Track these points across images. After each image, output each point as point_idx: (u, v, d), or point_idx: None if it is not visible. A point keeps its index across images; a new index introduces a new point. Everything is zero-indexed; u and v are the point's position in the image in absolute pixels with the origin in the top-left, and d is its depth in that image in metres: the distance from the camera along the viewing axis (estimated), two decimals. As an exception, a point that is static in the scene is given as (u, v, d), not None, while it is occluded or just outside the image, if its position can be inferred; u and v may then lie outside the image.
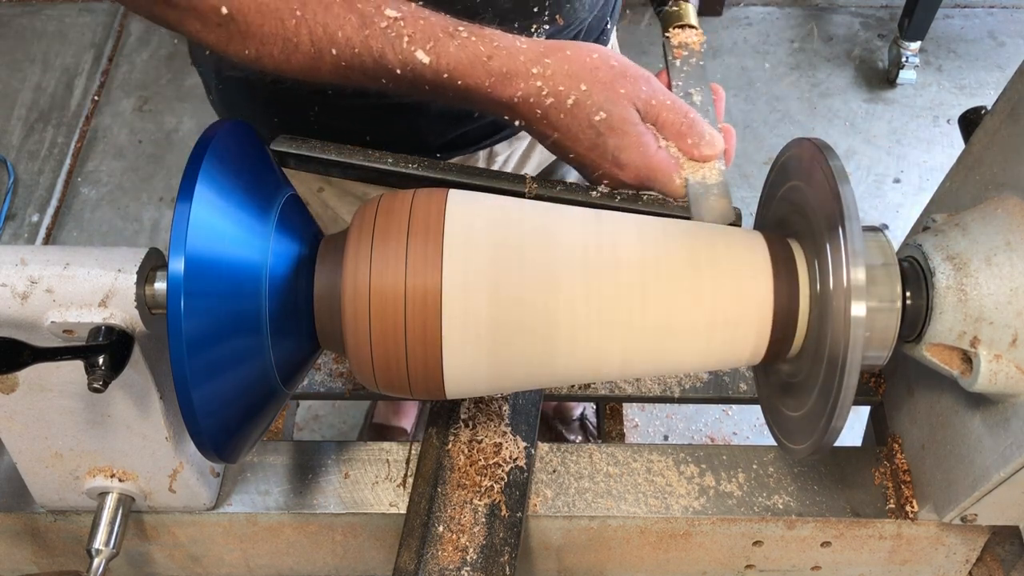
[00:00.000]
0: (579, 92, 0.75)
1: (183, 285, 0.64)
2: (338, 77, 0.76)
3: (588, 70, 0.75)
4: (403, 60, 0.73)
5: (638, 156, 0.78)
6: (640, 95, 0.77)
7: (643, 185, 0.80)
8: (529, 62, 0.74)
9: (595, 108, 0.75)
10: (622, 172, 0.79)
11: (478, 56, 0.73)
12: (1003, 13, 2.93)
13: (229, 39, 0.76)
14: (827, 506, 0.96)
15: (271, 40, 0.74)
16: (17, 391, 0.81)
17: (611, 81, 0.76)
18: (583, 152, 0.79)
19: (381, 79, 0.76)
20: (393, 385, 0.76)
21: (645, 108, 0.78)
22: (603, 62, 0.76)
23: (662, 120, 0.78)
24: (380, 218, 0.74)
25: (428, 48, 0.73)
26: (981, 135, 0.86)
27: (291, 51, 0.75)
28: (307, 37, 0.74)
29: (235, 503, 0.97)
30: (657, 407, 2.09)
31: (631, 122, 0.77)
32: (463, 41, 0.74)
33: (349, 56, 0.74)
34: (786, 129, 2.63)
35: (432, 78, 0.74)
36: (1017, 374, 0.75)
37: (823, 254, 0.71)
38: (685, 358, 0.77)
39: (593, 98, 0.75)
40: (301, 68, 0.76)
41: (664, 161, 0.79)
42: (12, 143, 2.66)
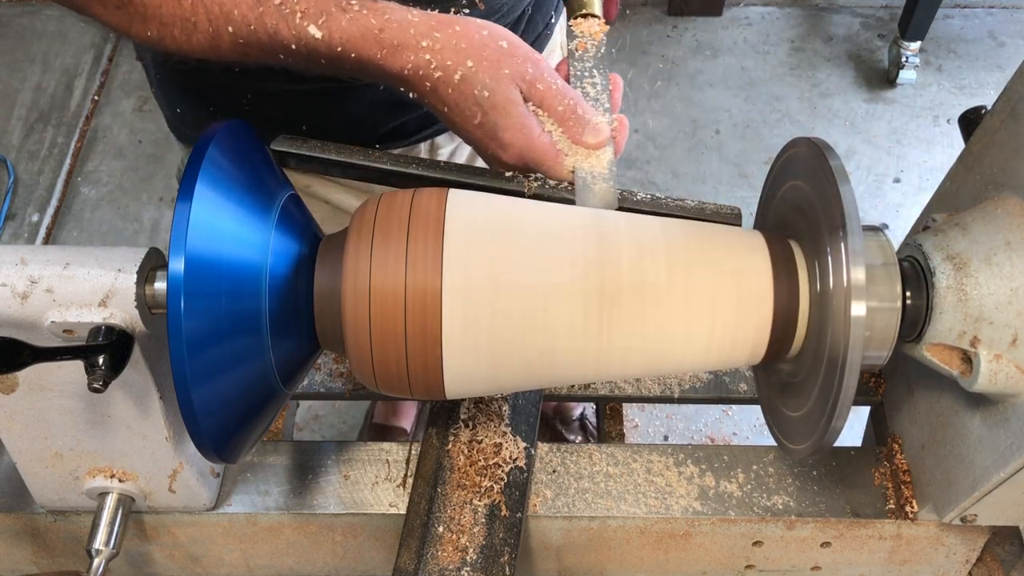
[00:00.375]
0: (466, 68, 0.76)
1: (183, 285, 0.64)
2: (238, 55, 0.78)
3: (476, 47, 0.76)
4: (297, 35, 0.75)
5: (520, 137, 0.78)
6: (525, 76, 0.78)
7: (527, 167, 0.81)
8: (419, 35, 0.75)
9: (480, 86, 0.76)
10: (505, 153, 0.80)
11: (369, 29, 0.75)
12: (1003, 13, 2.93)
13: (130, 21, 0.78)
14: (827, 506, 0.96)
15: (170, 21, 0.76)
16: (17, 391, 0.81)
17: (497, 60, 0.77)
18: (471, 129, 0.79)
19: (279, 55, 0.77)
20: (393, 385, 0.76)
21: (529, 90, 0.78)
22: (492, 40, 0.77)
23: (546, 104, 0.79)
24: (380, 218, 0.74)
25: (320, 23, 0.74)
26: (981, 135, 0.86)
27: (191, 31, 0.77)
28: (204, 16, 0.75)
29: (235, 503, 0.97)
30: (657, 407, 2.09)
31: (514, 103, 0.77)
32: (355, 15, 0.75)
33: (246, 33, 0.76)
34: (786, 129, 2.63)
35: (326, 52, 0.76)
36: (1017, 374, 0.75)
37: (823, 254, 0.71)
38: (685, 358, 0.77)
39: (478, 76, 0.76)
40: (202, 47, 0.78)
41: (546, 145, 0.79)
42: (12, 143, 2.66)
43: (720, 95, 2.72)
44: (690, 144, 2.60)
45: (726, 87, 2.74)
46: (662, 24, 2.92)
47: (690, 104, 2.70)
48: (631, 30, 2.90)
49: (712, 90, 2.74)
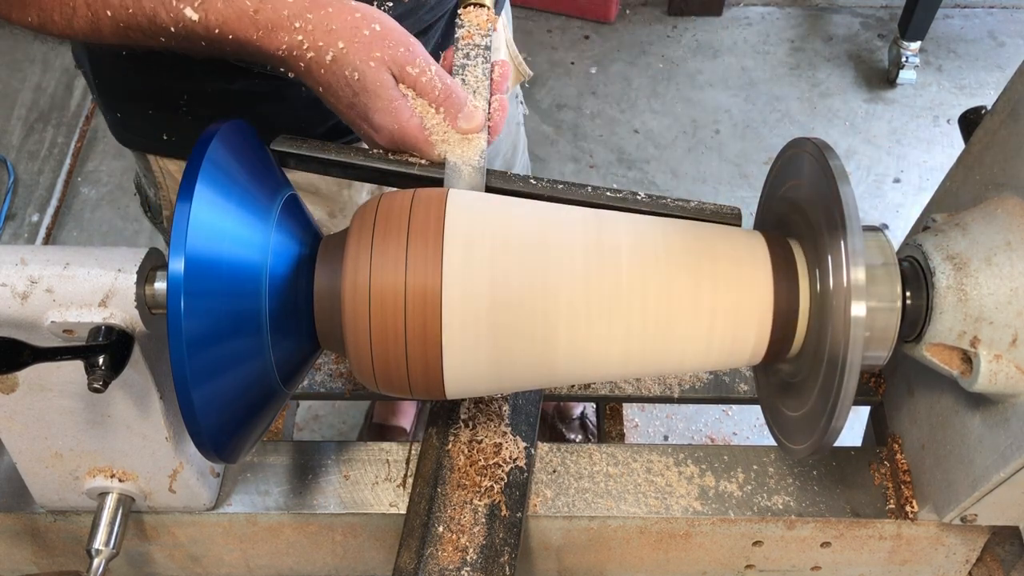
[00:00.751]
0: (337, 50, 0.76)
1: (183, 285, 0.64)
2: (119, 38, 0.79)
3: (348, 28, 0.76)
4: (175, 18, 0.76)
5: (390, 120, 0.79)
6: (396, 59, 0.78)
7: (399, 148, 0.82)
8: (292, 16, 0.76)
9: (350, 67, 0.77)
10: (377, 135, 0.81)
11: (244, 11, 0.75)
12: (1003, 13, 2.93)
13: (10, 8, 0.79)
14: (827, 506, 0.96)
15: (48, 6, 0.77)
16: (17, 391, 0.81)
17: (369, 42, 0.77)
18: (344, 110, 0.80)
19: (159, 37, 0.78)
20: (393, 385, 0.76)
21: (401, 73, 0.79)
22: (364, 22, 0.77)
23: (419, 88, 0.79)
24: (380, 218, 0.74)
25: (196, 5, 0.75)
26: (981, 135, 0.86)
27: (70, 15, 0.77)
28: (82, 1, 0.76)
29: (235, 503, 0.97)
30: (657, 407, 2.09)
31: (384, 85, 0.78)
32: None
33: (125, 17, 0.76)
34: (786, 129, 2.63)
35: (204, 34, 0.76)
36: (1017, 374, 0.75)
37: (823, 254, 0.71)
38: (685, 358, 0.77)
39: (349, 57, 0.76)
40: (83, 31, 0.78)
41: (416, 128, 0.80)
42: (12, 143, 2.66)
43: (720, 95, 2.72)
44: (690, 144, 2.60)
45: (726, 87, 2.74)
46: (662, 24, 2.92)
47: (690, 104, 2.70)
48: (631, 30, 2.90)
49: (712, 90, 2.73)
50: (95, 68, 1.04)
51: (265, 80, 0.95)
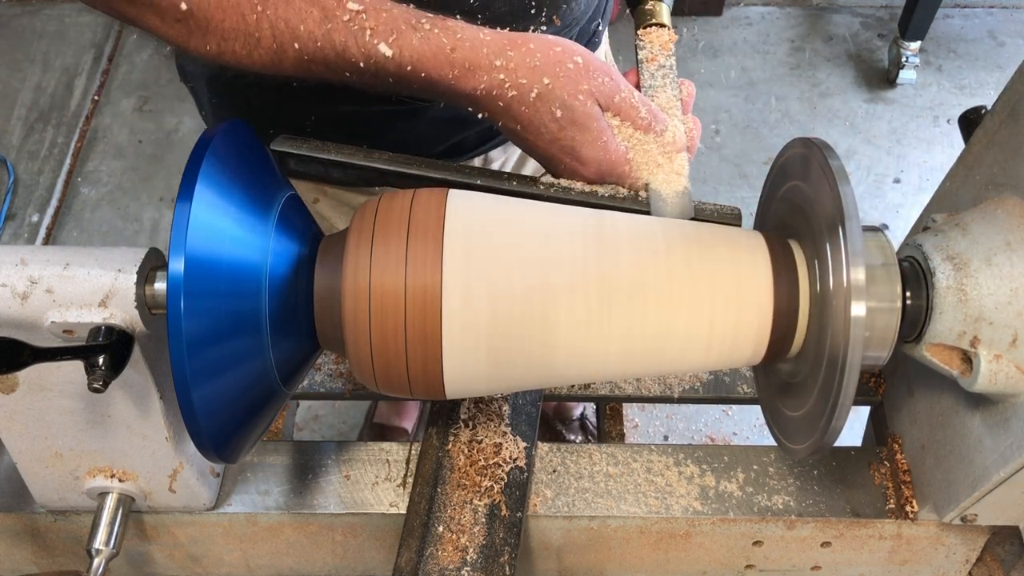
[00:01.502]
0: (542, 86, 0.75)
1: (183, 285, 0.64)
2: (301, 71, 0.76)
3: (551, 64, 0.75)
4: (366, 53, 0.73)
5: (599, 151, 0.78)
6: (603, 90, 0.77)
7: (604, 180, 0.81)
8: (492, 55, 0.74)
9: (557, 103, 0.76)
10: (584, 167, 0.80)
11: (441, 48, 0.74)
12: (1003, 13, 2.93)
13: (189, 35, 0.75)
14: (827, 506, 0.96)
15: (232, 35, 0.74)
16: (17, 391, 0.81)
17: (575, 76, 0.76)
18: (544, 146, 0.79)
19: (345, 72, 0.75)
20: (393, 385, 0.76)
21: (607, 103, 0.78)
22: (567, 56, 0.76)
23: (625, 115, 0.79)
24: (380, 218, 0.74)
25: (391, 41, 0.73)
26: (981, 135, 0.86)
27: (253, 46, 0.74)
28: (269, 32, 0.73)
29: (235, 503, 0.97)
30: (657, 407, 2.09)
31: (593, 117, 0.77)
32: (426, 34, 0.74)
33: (312, 50, 0.74)
34: (786, 129, 2.63)
35: (395, 71, 0.74)
36: (1017, 374, 0.75)
37: (823, 254, 0.71)
38: (685, 358, 0.77)
39: (556, 92, 0.75)
40: (264, 63, 0.76)
41: (623, 157, 0.80)
42: (12, 143, 2.66)
43: (720, 95, 2.72)
44: (690, 144, 2.60)
45: (726, 87, 2.74)
46: (662, 24, 2.92)
47: (690, 104, 2.70)
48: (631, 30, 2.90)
49: (712, 90, 2.73)
50: (214, 87, 1.00)
51: (402, 103, 0.92)
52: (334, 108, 0.95)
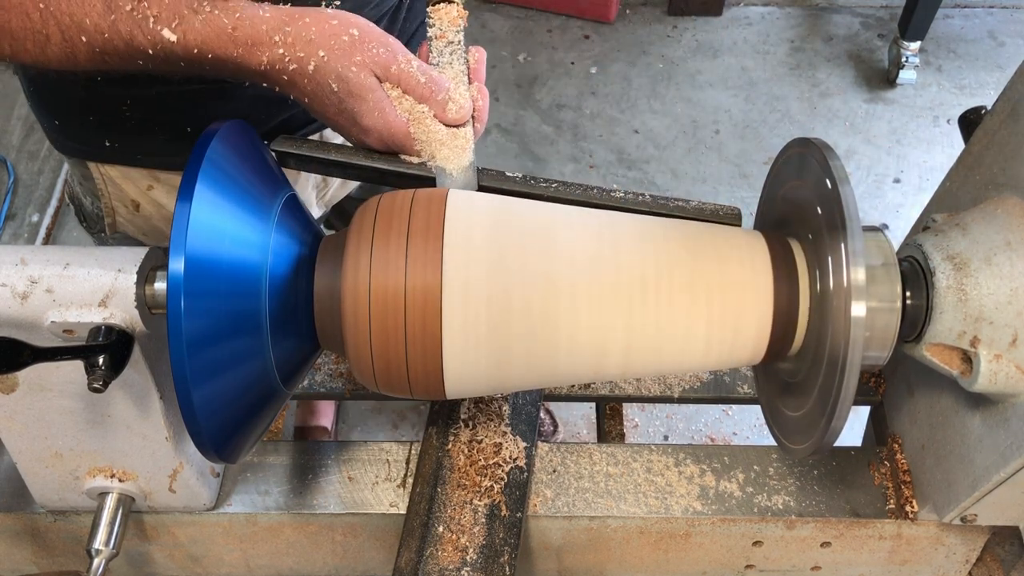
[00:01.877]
0: (318, 59, 0.76)
1: (183, 285, 0.64)
2: (96, 63, 0.77)
3: (326, 37, 0.77)
4: (152, 40, 0.75)
5: (378, 121, 0.79)
6: (378, 60, 0.78)
7: (388, 149, 0.82)
8: (271, 31, 0.76)
9: (333, 75, 0.77)
10: (367, 136, 0.81)
11: (223, 29, 0.75)
12: (1003, 13, 2.93)
13: None
14: (827, 506, 0.96)
15: (22, 35, 0.75)
16: (17, 391, 0.81)
17: (349, 48, 0.77)
18: (332, 117, 0.80)
19: (137, 60, 0.77)
20: (393, 385, 0.76)
21: (384, 74, 0.79)
22: (342, 28, 0.78)
23: (404, 84, 0.80)
24: (380, 218, 0.74)
25: (174, 26, 0.74)
26: (981, 135, 0.86)
27: (44, 44, 0.76)
28: (56, 28, 0.75)
29: (235, 503, 0.97)
30: (657, 407, 2.09)
31: (369, 88, 0.78)
32: (207, 16, 0.75)
33: (101, 42, 0.75)
34: (786, 129, 2.63)
35: (184, 55, 0.76)
36: (1017, 374, 0.75)
37: (823, 254, 0.71)
38: (685, 358, 0.77)
39: (331, 65, 0.77)
40: (58, 59, 0.77)
41: (405, 126, 0.80)
42: (12, 143, 2.66)
43: (720, 95, 2.72)
44: (690, 144, 2.60)
45: (726, 87, 2.74)
46: (662, 24, 2.92)
47: (690, 104, 2.70)
48: (631, 30, 2.90)
49: (712, 90, 2.73)
50: (29, 75, 1.02)
51: (209, 82, 0.94)
52: (148, 91, 0.96)
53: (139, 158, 1.03)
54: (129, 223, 1.11)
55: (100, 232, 1.15)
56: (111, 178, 1.06)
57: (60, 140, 1.06)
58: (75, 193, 1.16)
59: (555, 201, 0.81)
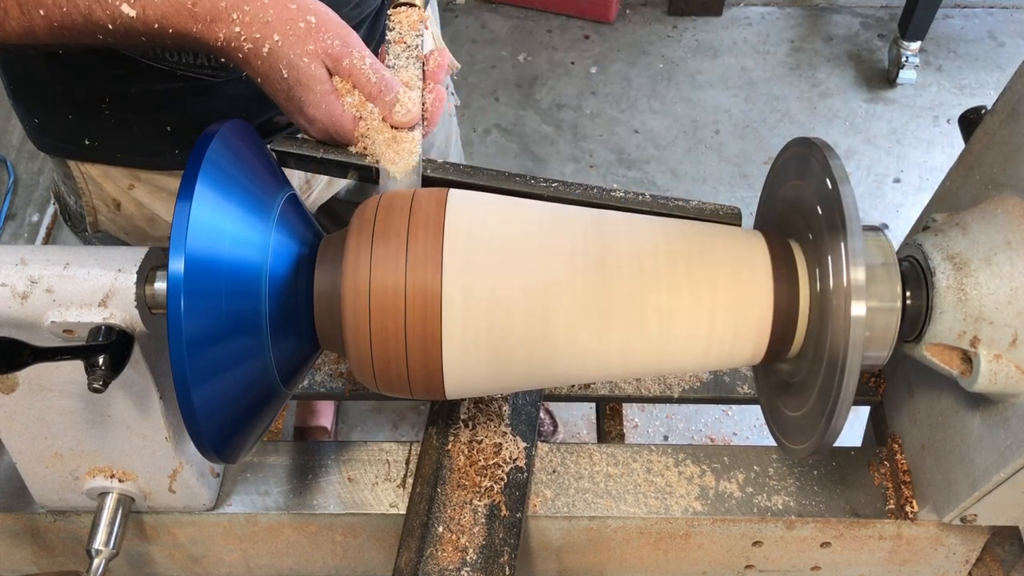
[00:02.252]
0: (272, 43, 0.76)
1: (183, 285, 0.64)
2: (55, 38, 0.77)
3: (283, 21, 0.76)
4: (111, 15, 0.74)
5: (323, 113, 0.79)
6: (331, 52, 0.78)
7: (331, 141, 0.82)
8: (230, 8, 0.75)
9: (284, 60, 0.76)
10: (311, 127, 0.81)
11: (182, 4, 0.74)
12: (1003, 13, 2.93)
13: None
14: (827, 506, 0.96)
15: None
16: (17, 391, 0.81)
17: (304, 35, 0.77)
18: (282, 102, 0.80)
19: (97, 35, 0.76)
20: (393, 385, 0.76)
21: (335, 67, 0.78)
22: (300, 14, 0.77)
23: (354, 80, 0.79)
24: (380, 218, 0.74)
25: (133, 1, 0.74)
26: (981, 135, 0.86)
27: (2, 18, 0.75)
28: (13, 2, 0.74)
29: (235, 503, 0.97)
30: (657, 407, 2.09)
31: (317, 79, 0.78)
32: None
33: (59, 16, 0.74)
34: (786, 129, 2.63)
35: (143, 29, 0.75)
36: (1017, 374, 0.75)
37: (823, 254, 0.71)
38: (685, 358, 0.77)
39: (284, 50, 0.76)
40: (16, 33, 0.76)
41: (349, 121, 0.80)
42: (12, 143, 2.66)
43: (720, 95, 2.72)
44: (690, 144, 2.60)
45: (726, 87, 2.74)
46: (662, 24, 2.92)
47: (690, 104, 2.70)
48: (631, 30, 2.90)
49: (712, 90, 2.74)
50: (9, 72, 1.01)
51: (189, 80, 0.94)
52: (125, 89, 0.96)
53: (119, 157, 1.03)
54: (111, 222, 1.11)
55: (83, 231, 1.15)
56: (91, 177, 1.06)
57: (40, 138, 1.06)
58: (59, 192, 1.16)
59: (555, 201, 0.81)
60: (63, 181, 1.11)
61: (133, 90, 0.96)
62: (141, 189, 1.06)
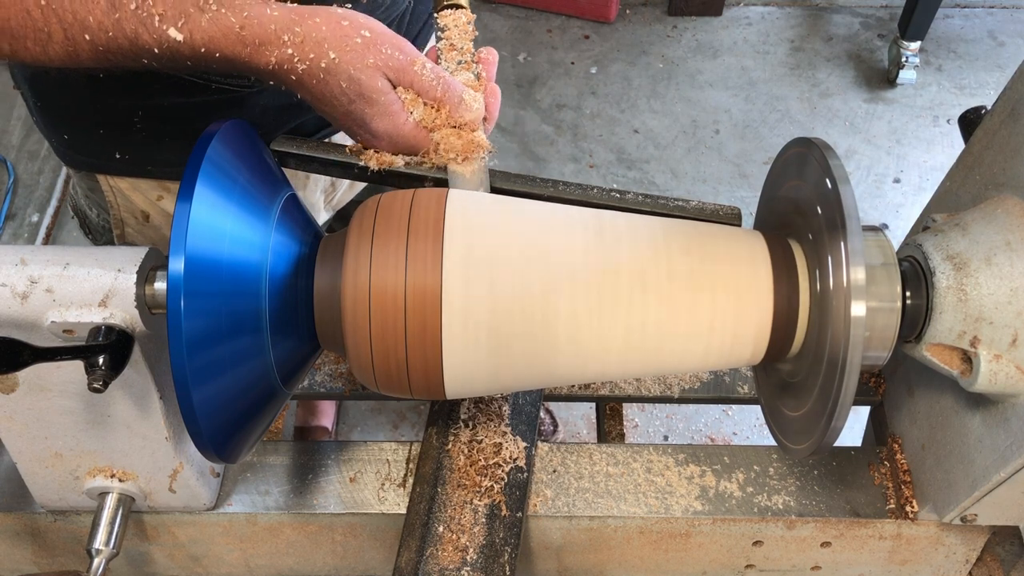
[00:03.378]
0: (328, 60, 0.76)
1: (183, 285, 0.64)
2: (99, 62, 0.76)
3: (338, 38, 0.76)
4: (158, 39, 0.74)
5: (389, 125, 0.79)
6: (392, 64, 0.78)
7: (398, 152, 0.82)
8: (280, 30, 0.75)
9: (344, 76, 0.76)
10: (376, 140, 0.81)
11: (230, 27, 0.74)
12: (1003, 13, 2.93)
13: None
14: (827, 506, 0.96)
15: (21, 33, 0.73)
16: (17, 391, 0.81)
17: (361, 49, 0.77)
18: (340, 118, 0.80)
19: (142, 59, 0.76)
20: (393, 385, 0.76)
21: (397, 77, 0.78)
22: (354, 30, 0.77)
23: (417, 87, 0.79)
24: (380, 218, 0.74)
25: (180, 25, 0.73)
26: (981, 135, 0.86)
27: (45, 42, 0.74)
28: (58, 26, 0.73)
29: (235, 503, 0.97)
30: (657, 407, 2.09)
31: (381, 91, 0.78)
32: (214, 15, 0.74)
33: (105, 41, 0.74)
34: (786, 129, 2.63)
35: (190, 54, 0.75)
36: (1017, 374, 0.75)
37: (823, 254, 0.71)
38: (685, 358, 0.77)
39: (342, 66, 0.76)
40: (60, 57, 0.75)
41: (413, 129, 0.80)
42: (12, 143, 2.66)
43: (720, 95, 2.72)
44: (690, 144, 2.60)
45: (726, 87, 2.74)
46: (662, 24, 2.92)
47: (690, 104, 2.70)
48: (631, 30, 2.90)
49: (712, 90, 2.73)
50: (36, 88, 1.00)
51: (223, 92, 0.93)
52: (159, 102, 0.95)
53: (149, 169, 1.03)
54: (138, 234, 1.10)
55: (108, 244, 1.14)
56: (120, 190, 1.05)
57: (69, 155, 1.05)
58: (79, 205, 1.15)
59: (555, 201, 0.81)
60: (87, 195, 1.10)
61: (167, 103, 0.95)
62: (170, 200, 1.05)
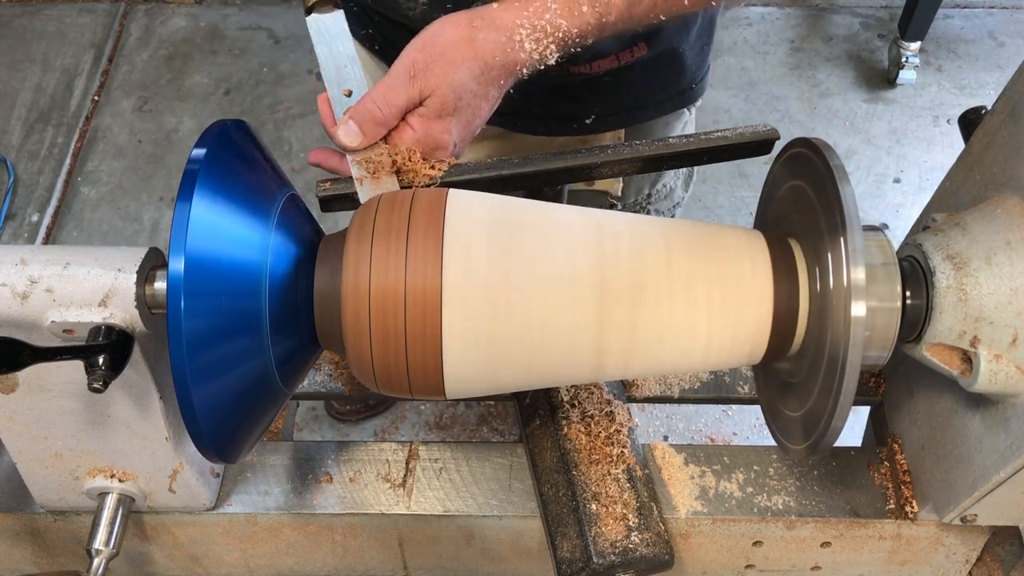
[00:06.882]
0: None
1: (183, 285, 0.64)
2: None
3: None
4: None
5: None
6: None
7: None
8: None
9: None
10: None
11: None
12: (1003, 13, 2.93)
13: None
14: (827, 506, 0.96)
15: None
16: (17, 391, 0.81)
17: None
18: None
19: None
20: (393, 385, 0.76)
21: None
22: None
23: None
24: (380, 218, 0.74)
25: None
26: (981, 135, 0.86)
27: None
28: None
29: (235, 503, 0.97)
30: (657, 407, 2.09)
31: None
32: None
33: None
34: (786, 129, 2.63)
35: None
36: (1017, 374, 0.75)
37: (823, 253, 0.71)
38: (685, 358, 0.77)
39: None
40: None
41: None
42: (12, 143, 2.66)
43: (720, 95, 2.72)
44: (690, 144, 2.60)
45: (726, 87, 2.74)
46: (662, 24, 2.92)
47: (690, 104, 2.70)
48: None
49: (712, 90, 2.73)
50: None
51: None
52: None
53: None
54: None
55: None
56: None
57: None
58: None
59: (601, 166, 0.83)
60: None
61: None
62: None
